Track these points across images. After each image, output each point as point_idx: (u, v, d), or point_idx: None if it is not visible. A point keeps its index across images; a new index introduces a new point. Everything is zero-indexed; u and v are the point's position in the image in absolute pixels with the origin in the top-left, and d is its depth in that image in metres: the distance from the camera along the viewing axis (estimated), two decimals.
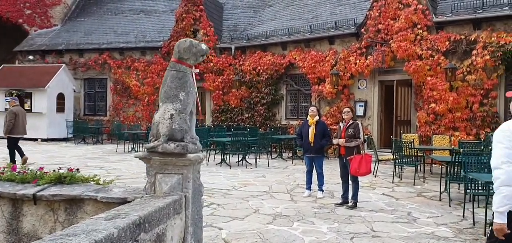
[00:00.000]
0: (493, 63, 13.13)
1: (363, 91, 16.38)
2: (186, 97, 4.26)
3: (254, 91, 19.35)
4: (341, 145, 8.15)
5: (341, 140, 8.12)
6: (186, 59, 4.37)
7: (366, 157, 7.97)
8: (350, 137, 8.02)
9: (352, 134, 8.02)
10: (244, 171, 12.58)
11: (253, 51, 19.58)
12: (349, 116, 8.21)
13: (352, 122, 8.17)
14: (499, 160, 3.10)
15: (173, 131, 4.13)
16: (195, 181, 4.42)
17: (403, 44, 14.80)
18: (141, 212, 3.32)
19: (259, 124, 19.03)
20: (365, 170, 7.94)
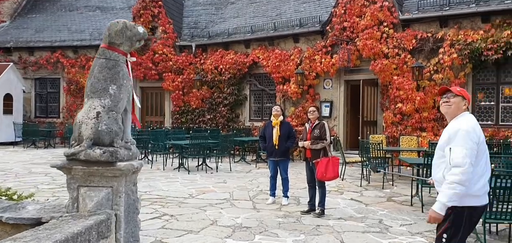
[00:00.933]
0: (461, 62, 12.79)
1: (328, 91, 15.83)
2: (117, 92, 3.42)
3: (216, 91, 18.51)
4: (306, 147, 7.47)
5: (306, 142, 7.44)
6: (119, 44, 3.56)
7: (333, 160, 7.30)
8: (316, 138, 7.35)
9: (318, 135, 7.35)
10: (204, 176, 11.74)
11: (214, 50, 18.75)
12: (315, 116, 7.54)
13: (318, 122, 7.51)
14: (464, 160, 3.15)
15: (99, 133, 3.28)
16: (130, 195, 3.57)
17: (369, 43, 14.33)
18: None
19: (222, 125, 18.21)
20: (332, 174, 7.27)
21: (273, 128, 8.18)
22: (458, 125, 3.30)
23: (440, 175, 3.36)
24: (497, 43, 12.23)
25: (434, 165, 3.49)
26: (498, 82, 12.79)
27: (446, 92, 3.54)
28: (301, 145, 7.58)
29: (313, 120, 7.53)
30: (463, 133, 3.22)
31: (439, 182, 3.38)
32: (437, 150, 3.46)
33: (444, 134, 3.41)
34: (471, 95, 13.08)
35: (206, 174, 12.03)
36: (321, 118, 7.70)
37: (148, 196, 8.88)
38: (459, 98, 3.45)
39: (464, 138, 3.22)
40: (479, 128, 3.39)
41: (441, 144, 3.42)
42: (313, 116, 7.54)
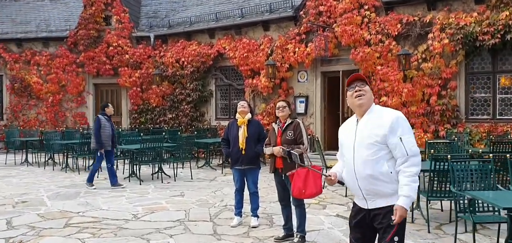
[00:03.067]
0: (453, 48, 11.24)
1: (303, 85, 14.10)
2: None
3: (178, 87, 16.55)
4: (276, 155, 5.66)
5: (276, 148, 5.64)
6: None
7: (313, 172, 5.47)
8: (289, 142, 5.57)
9: (291, 138, 5.58)
10: (158, 187, 9.82)
11: (175, 41, 16.78)
12: (286, 113, 5.75)
13: (291, 121, 5.72)
14: (416, 147, 3.07)
15: None
16: None
17: (348, 28, 12.66)
18: None
19: (185, 125, 16.27)
20: (313, 190, 5.29)
21: (239, 128, 6.35)
22: (393, 113, 3.11)
23: (383, 170, 3.03)
24: (493, 26, 10.72)
25: (370, 161, 3.05)
26: (494, 71, 11.31)
27: (355, 82, 3.21)
28: (268, 152, 5.75)
29: (284, 119, 5.75)
30: (405, 121, 3.08)
31: (379, 180, 3.04)
32: (369, 145, 3.06)
33: (378, 126, 3.05)
34: (464, 86, 11.59)
35: (161, 185, 10.10)
36: (294, 116, 5.91)
37: (80, 219, 6.93)
38: (367, 86, 3.20)
39: (408, 125, 3.09)
40: None
41: (377, 138, 3.04)
42: (283, 114, 5.74)
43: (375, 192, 3.07)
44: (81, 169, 12.23)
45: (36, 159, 14.00)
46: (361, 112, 3.18)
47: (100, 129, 9.82)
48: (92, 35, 17.65)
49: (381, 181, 3.03)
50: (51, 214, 7.31)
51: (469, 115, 11.52)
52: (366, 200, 3.15)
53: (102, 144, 9.78)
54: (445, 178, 6.19)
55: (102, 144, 9.78)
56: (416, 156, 3.01)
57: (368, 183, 3.07)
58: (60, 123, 18.16)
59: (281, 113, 5.73)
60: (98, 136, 9.77)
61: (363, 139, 3.09)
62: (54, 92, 18.22)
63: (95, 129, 9.89)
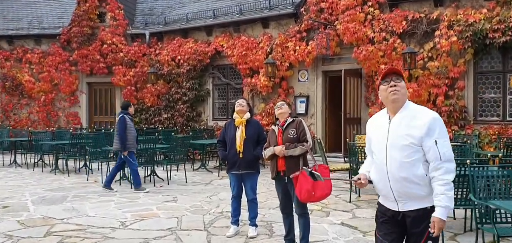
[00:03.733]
0: (461, 46, 10.72)
1: (304, 84, 13.56)
2: None
3: (173, 86, 15.98)
4: (279, 154, 5.11)
5: (278, 148, 5.09)
6: None
7: (322, 169, 4.90)
8: (291, 141, 5.05)
9: (294, 137, 5.05)
10: (151, 191, 9.26)
11: (171, 38, 16.23)
12: (285, 111, 5.23)
13: (292, 120, 5.20)
14: (452, 151, 2.85)
15: None
16: None
17: (351, 26, 12.13)
18: None
19: (181, 125, 15.71)
20: (324, 191, 4.77)
21: (237, 129, 5.81)
22: (430, 113, 2.89)
23: (419, 173, 2.83)
24: (504, 23, 10.20)
25: (405, 163, 2.86)
26: (504, 70, 10.79)
27: (391, 75, 2.99)
28: (270, 153, 5.20)
29: (283, 118, 5.23)
30: (441, 122, 2.86)
31: (413, 183, 2.85)
32: (404, 147, 2.86)
33: (414, 127, 2.85)
34: (473, 86, 11.07)
35: (153, 188, 9.54)
36: (294, 115, 5.39)
37: (63, 227, 6.38)
38: (404, 82, 3.00)
39: (445, 128, 2.87)
40: None
41: (412, 139, 2.84)
42: (282, 112, 5.23)
43: (409, 195, 2.91)
44: (72, 171, 11.67)
45: (26, 160, 13.41)
46: (394, 109, 2.96)
47: (126, 129, 9.18)
48: (85, 33, 17.09)
49: (415, 184, 2.87)
50: (32, 220, 6.76)
51: (477, 117, 11.00)
52: (397, 202, 2.97)
53: (127, 145, 9.17)
54: (461, 184, 5.66)
55: (127, 145, 9.17)
56: (450, 162, 2.82)
57: (402, 186, 2.91)
58: (53, 123, 17.59)
59: (280, 112, 5.20)
60: (124, 137, 9.14)
61: (397, 139, 2.90)
62: (47, 91, 17.63)
63: (121, 129, 9.20)
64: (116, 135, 9.30)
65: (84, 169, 11.50)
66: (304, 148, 4.98)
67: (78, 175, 11.31)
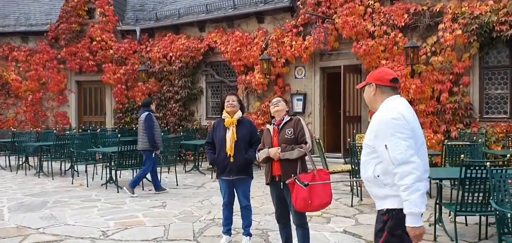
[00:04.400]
0: (466, 40, 10.16)
1: (301, 82, 12.99)
2: None
3: (165, 84, 15.38)
4: (273, 158, 4.53)
5: (273, 150, 4.52)
6: None
7: (321, 174, 4.34)
8: (289, 142, 4.47)
9: (291, 137, 4.48)
10: (139, 195, 8.68)
11: (163, 34, 15.62)
12: (281, 107, 4.64)
13: (289, 119, 4.61)
14: (407, 153, 2.65)
15: None
16: None
17: (350, 20, 11.56)
18: None
19: (173, 125, 15.11)
20: (323, 199, 4.23)
21: (227, 130, 5.22)
22: (380, 115, 2.85)
23: (370, 174, 2.88)
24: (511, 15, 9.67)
25: (363, 162, 2.96)
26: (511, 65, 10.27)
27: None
28: (264, 156, 4.62)
29: (280, 117, 4.64)
30: (391, 124, 2.71)
31: (370, 182, 2.91)
32: (364, 146, 2.95)
33: (370, 128, 2.92)
34: (479, 82, 10.52)
35: (142, 192, 8.96)
36: (292, 113, 4.79)
37: (38, 238, 5.79)
38: (367, 86, 3.03)
39: (395, 127, 2.71)
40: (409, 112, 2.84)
41: (367, 140, 2.93)
42: (278, 110, 4.64)
43: (372, 194, 2.97)
44: (57, 173, 11.04)
45: (9, 162, 12.76)
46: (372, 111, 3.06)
47: (154, 127, 8.75)
48: (74, 29, 16.46)
49: (371, 183, 2.93)
50: (5, 230, 6.16)
51: (483, 114, 10.45)
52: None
53: (157, 144, 8.73)
54: (477, 188, 5.10)
55: (157, 144, 8.73)
56: (404, 164, 2.66)
57: (366, 185, 3.01)
58: (41, 123, 16.95)
59: (276, 109, 4.63)
60: (153, 135, 8.66)
61: (365, 140, 2.99)
62: (34, 90, 17.00)
63: (150, 126, 8.71)
64: (143, 134, 8.77)
65: (70, 172, 10.88)
66: (302, 150, 4.40)
67: (63, 178, 10.69)
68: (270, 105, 4.70)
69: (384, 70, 3.05)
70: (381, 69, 3.14)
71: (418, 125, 2.89)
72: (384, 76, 2.96)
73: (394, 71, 10.76)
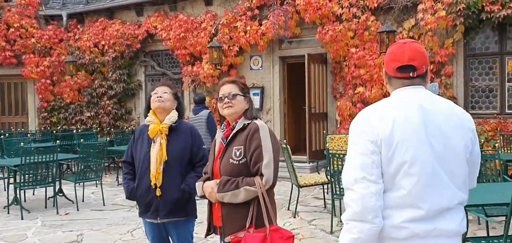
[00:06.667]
0: (451, 23, 8.70)
1: (258, 73, 11.15)
2: None
3: (97, 78, 13.11)
4: (211, 200, 2.73)
5: (208, 186, 2.69)
6: None
7: (276, 239, 2.51)
8: (234, 171, 2.63)
9: (239, 162, 2.63)
10: (49, 221, 6.54)
11: (94, 20, 13.33)
12: (236, 106, 2.72)
13: (243, 125, 2.71)
14: (350, 175, 1.86)
15: None
16: None
17: (314, 1, 9.85)
18: None
19: (108, 125, 12.89)
20: None
21: (152, 143, 3.24)
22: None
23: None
24: None
25: None
26: (502, 52, 8.88)
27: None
28: (200, 194, 2.79)
29: (233, 120, 2.75)
30: (351, 128, 1.96)
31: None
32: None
33: None
34: (463, 72, 9.10)
35: (54, 218, 6.81)
36: (253, 115, 2.82)
37: None
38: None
39: (352, 135, 1.94)
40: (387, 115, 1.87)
41: None
42: (230, 110, 2.73)
43: None
44: None
45: None
46: None
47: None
48: None
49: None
50: None
51: (469, 109, 9.02)
52: None
53: None
54: None
55: None
56: (346, 190, 1.87)
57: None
58: None
59: (227, 109, 2.72)
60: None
61: None
62: None
63: (214, 125, 7.56)
64: (206, 134, 7.42)
65: None
66: (252, 189, 2.54)
67: None
68: (218, 99, 2.79)
69: (394, 51, 1.98)
70: (392, 47, 2.02)
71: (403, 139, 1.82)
72: (390, 60, 1.99)
73: (366, 61, 9.29)
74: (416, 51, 1.94)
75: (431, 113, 1.85)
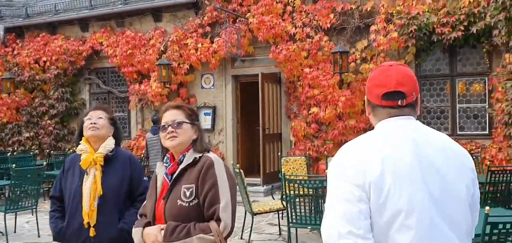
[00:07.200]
0: (403, 44, 8.72)
1: (209, 92, 10.77)
2: None
3: (38, 96, 12.30)
4: None
5: (150, 234, 2.21)
6: None
7: None
8: (183, 215, 2.19)
9: (189, 204, 2.20)
10: None
11: (35, 35, 12.56)
12: (182, 136, 2.26)
13: (194, 159, 2.27)
14: (334, 229, 1.50)
15: None
16: None
17: (267, 19, 9.66)
18: None
19: (48, 147, 12.06)
20: None
21: (85, 175, 2.79)
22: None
23: None
24: (454, 15, 8.36)
25: None
26: (452, 74, 8.97)
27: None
28: (137, 241, 2.28)
29: (178, 152, 2.30)
30: (329, 171, 1.62)
31: None
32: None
33: None
34: None
35: None
36: (201, 146, 2.32)
37: None
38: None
39: (331, 179, 1.59)
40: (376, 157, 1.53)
41: None
42: (175, 142, 2.26)
43: None
44: None
45: None
46: None
47: None
48: None
49: None
50: None
51: None
52: None
53: None
54: None
55: None
56: None
57: None
58: None
59: (170, 140, 2.27)
60: None
61: None
62: None
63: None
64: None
65: None
66: (208, 238, 2.13)
67: None
68: (161, 129, 2.33)
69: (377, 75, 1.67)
70: (375, 71, 1.72)
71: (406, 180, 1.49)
72: (373, 86, 1.67)
73: (320, 81, 9.13)
74: (405, 75, 1.63)
75: (425, 149, 1.55)
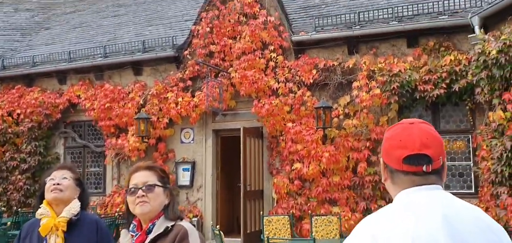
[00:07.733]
0: (386, 100, 8.66)
1: (189, 147, 10.47)
2: None
3: (9, 149, 11.79)
4: None
5: None
6: None
7: None
8: None
9: None
10: None
11: (10, 86, 12.21)
12: (153, 203, 1.99)
13: (165, 229, 1.96)
14: None
15: None
16: None
17: (249, 74, 9.57)
18: None
19: (18, 203, 11.45)
20: None
21: None
22: None
23: None
24: (435, 73, 8.38)
25: None
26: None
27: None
28: None
29: (147, 220, 2.01)
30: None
31: None
32: None
33: None
34: None
35: None
36: (173, 213, 2.04)
37: None
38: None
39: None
40: (403, 238, 1.28)
41: None
42: (143, 209, 1.98)
43: None
44: None
45: None
46: None
47: None
48: None
49: None
50: None
51: None
52: None
53: None
54: None
55: None
56: None
57: None
58: None
59: (141, 206, 1.98)
60: None
61: None
62: None
63: None
64: None
65: None
66: None
67: None
68: (128, 192, 2.03)
69: (396, 135, 1.43)
70: (393, 130, 1.48)
71: None
72: (392, 147, 1.42)
73: (303, 136, 8.96)
74: (429, 135, 1.39)
75: (459, 229, 1.29)
